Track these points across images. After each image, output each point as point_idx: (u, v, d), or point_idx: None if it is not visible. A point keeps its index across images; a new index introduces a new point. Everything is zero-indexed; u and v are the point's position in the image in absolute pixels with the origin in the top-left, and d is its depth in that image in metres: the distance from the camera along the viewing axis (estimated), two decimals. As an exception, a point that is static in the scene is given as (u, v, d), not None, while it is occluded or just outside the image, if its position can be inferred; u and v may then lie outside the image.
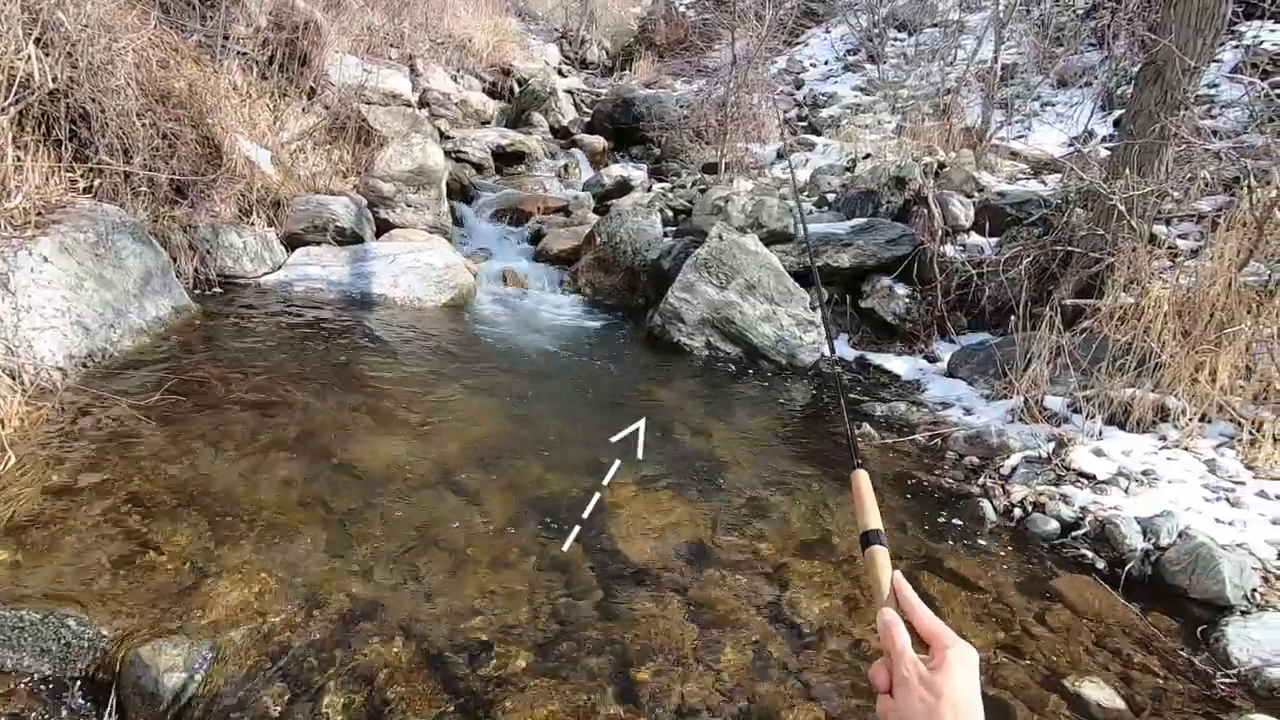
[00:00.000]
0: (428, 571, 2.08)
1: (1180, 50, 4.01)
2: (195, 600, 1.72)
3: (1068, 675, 1.93)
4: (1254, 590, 2.31)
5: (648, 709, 1.66)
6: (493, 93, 12.33)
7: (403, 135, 5.40)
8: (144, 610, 1.65)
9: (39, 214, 3.12)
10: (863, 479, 0.86)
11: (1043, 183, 6.39)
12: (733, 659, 1.85)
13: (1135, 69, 5.67)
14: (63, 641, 1.48)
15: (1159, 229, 4.97)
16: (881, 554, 0.76)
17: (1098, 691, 1.86)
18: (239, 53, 5.97)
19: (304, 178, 5.29)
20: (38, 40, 3.05)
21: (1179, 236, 4.98)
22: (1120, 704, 1.85)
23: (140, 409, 2.53)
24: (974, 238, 5.59)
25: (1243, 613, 2.24)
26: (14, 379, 2.44)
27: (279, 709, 1.51)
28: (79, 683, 1.48)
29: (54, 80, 2.96)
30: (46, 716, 1.44)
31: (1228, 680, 1.99)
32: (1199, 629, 2.21)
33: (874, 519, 0.81)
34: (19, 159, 3.06)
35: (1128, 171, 4.03)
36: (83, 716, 1.45)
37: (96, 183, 3.76)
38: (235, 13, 6.19)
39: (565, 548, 2.28)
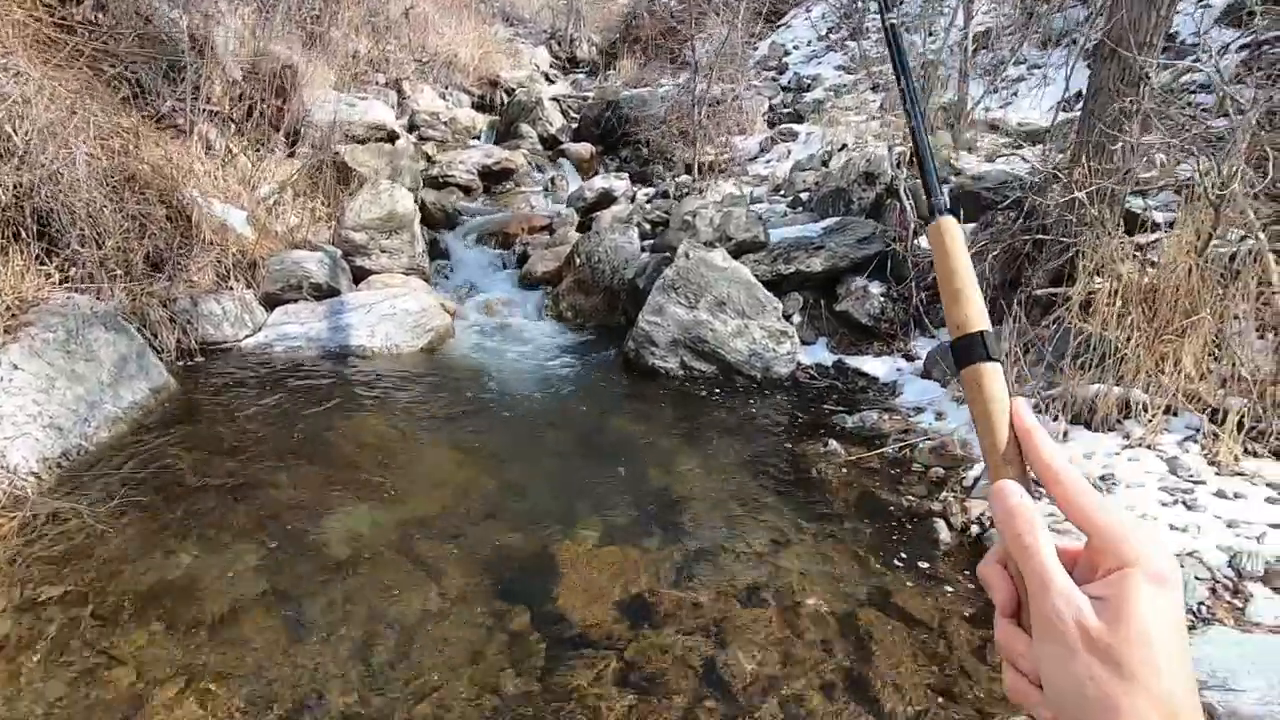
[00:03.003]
0: (378, 654, 2.17)
1: (1132, 28, 3.91)
2: (140, 717, 1.83)
3: (995, 716, 1.95)
4: (1200, 604, 2.29)
5: (566, 792, 1.73)
6: (481, 106, 12.44)
7: (371, 183, 5.50)
8: (90, 732, 1.77)
9: (12, 316, 3.28)
10: (950, 232, 0.53)
11: (1024, 159, 6.26)
12: (657, 728, 1.91)
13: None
14: (10, 775, 1.61)
15: (1136, 202, 4.86)
16: (991, 375, 0.48)
17: (1020, 735, 1.88)
18: (211, 112, 6.12)
19: (281, 233, 5.42)
20: (-9, 153, 3.19)
21: (1158, 209, 4.86)
22: (1043, 746, 1.87)
23: (110, 511, 2.66)
24: (950, 226, 5.52)
25: (1189, 629, 2.23)
26: (-11, 491, 2.59)
27: (210, 824, 1.61)
28: (26, 813, 1.61)
29: (6, 191, 3.09)
30: (0, 846, 1.57)
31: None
32: (1143, 650, 2.20)
33: (975, 312, 0.50)
34: (-12, 266, 3.21)
35: (1084, 158, 3.94)
36: (31, 844, 1.57)
37: (72, 271, 3.92)
38: (210, 72, 6.33)
39: (514, 617, 2.36)
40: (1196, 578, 2.35)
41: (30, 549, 2.42)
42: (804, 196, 6.37)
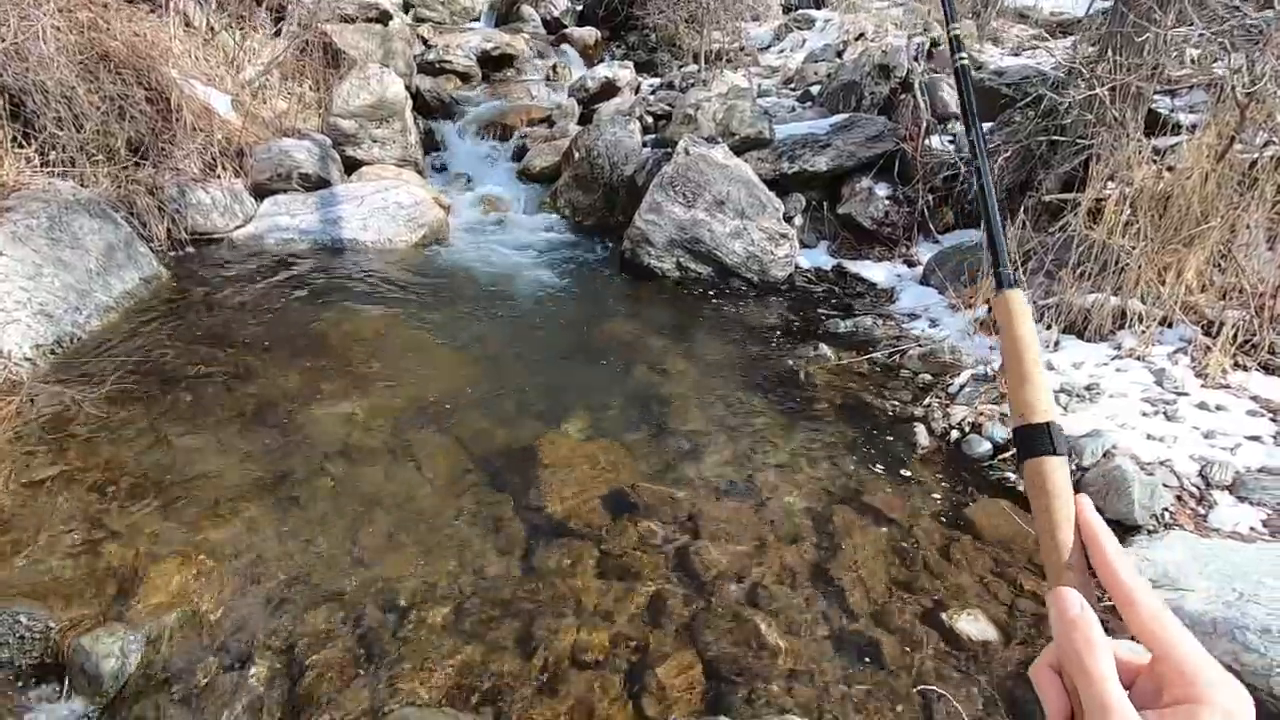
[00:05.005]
0: (365, 538, 2.27)
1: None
2: (139, 586, 1.94)
3: (949, 609, 2.05)
4: (1164, 510, 2.35)
5: (537, 662, 1.85)
6: (483, -18, 11.69)
7: (360, 67, 5.24)
8: (91, 600, 1.88)
9: (-7, 202, 3.23)
10: (1019, 308, 0.51)
11: (1049, 52, 5.88)
12: (627, 610, 2.01)
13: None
14: (17, 634, 1.72)
15: (1163, 102, 4.61)
16: (1056, 471, 0.46)
17: (972, 624, 1.98)
18: (189, -15, 5.75)
19: (268, 120, 5.23)
20: (-48, 24, 3.03)
21: (1185, 111, 4.61)
22: (992, 635, 1.97)
23: (105, 395, 2.72)
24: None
25: (1149, 533, 2.30)
26: (-16, 375, 2.64)
27: (205, 681, 1.74)
28: (35, 669, 1.73)
29: (-28, 67, 2.95)
30: (15, 697, 1.70)
31: (1111, 603, 2.07)
32: (1102, 551, 2.28)
33: (1043, 401, 0.48)
34: (-39, 149, 3.13)
35: (1111, 52, 3.70)
36: (43, 697, 1.70)
37: (52, 156, 3.83)
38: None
39: (499, 505, 2.44)
40: (1164, 485, 2.39)
41: (27, 432, 2.49)
42: (815, 90, 6.06)
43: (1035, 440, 0.47)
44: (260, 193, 4.74)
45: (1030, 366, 0.49)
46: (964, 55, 0.70)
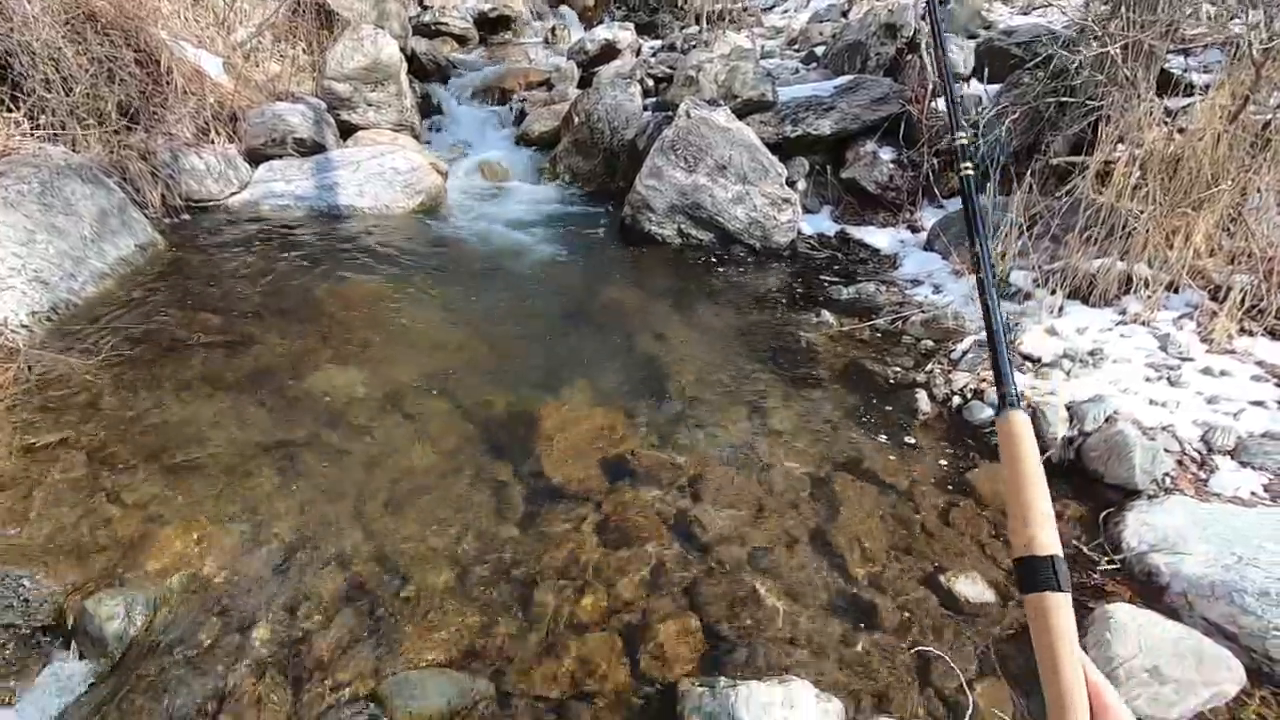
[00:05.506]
0: (366, 503, 2.27)
1: None
2: (142, 550, 1.95)
3: (948, 571, 2.06)
4: (1165, 475, 2.34)
5: (538, 626, 1.86)
6: (477, -58, 11.39)
7: (353, 28, 5.11)
8: (95, 564, 1.89)
9: (-16, 167, 3.17)
10: (1022, 434, 0.50)
11: (1061, 11, 5.73)
12: (628, 574, 2.02)
13: None
14: (22, 598, 1.73)
15: (1176, 61, 4.51)
16: (1061, 609, 0.44)
17: (969, 587, 1.99)
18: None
19: (261, 83, 5.13)
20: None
21: (1199, 71, 4.50)
22: (989, 597, 1.98)
23: (103, 362, 2.71)
24: (973, 86, 5.16)
25: (1150, 497, 2.30)
26: (-20, 342, 2.62)
27: (208, 642, 1.75)
28: (42, 632, 1.75)
29: (-45, 28, 2.88)
30: (24, 658, 1.72)
31: (1110, 567, 2.09)
32: (1102, 515, 2.29)
33: (1046, 533, 0.47)
34: (-51, 112, 3.07)
35: (1124, 9, 3.59)
36: (51, 658, 1.72)
37: (41, 120, 3.76)
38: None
39: (499, 471, 2.44)
40: (1166, 450, 2.39)
41: (26, 399, 2.48)
42: (819, 51, 5.92)
43: (1039, 574, 0.46)
44: (255, 158, 4.67)
45: (1034, 496, 0.47)
46: (969, 164, 0.66)
